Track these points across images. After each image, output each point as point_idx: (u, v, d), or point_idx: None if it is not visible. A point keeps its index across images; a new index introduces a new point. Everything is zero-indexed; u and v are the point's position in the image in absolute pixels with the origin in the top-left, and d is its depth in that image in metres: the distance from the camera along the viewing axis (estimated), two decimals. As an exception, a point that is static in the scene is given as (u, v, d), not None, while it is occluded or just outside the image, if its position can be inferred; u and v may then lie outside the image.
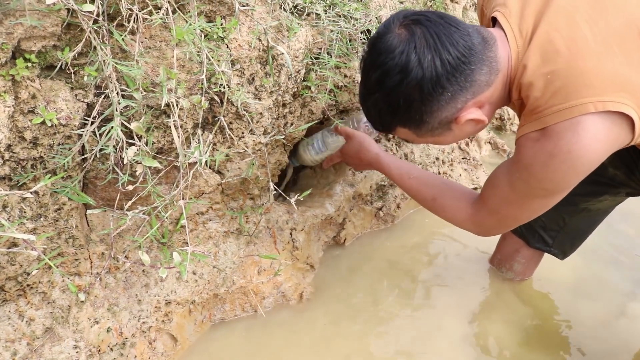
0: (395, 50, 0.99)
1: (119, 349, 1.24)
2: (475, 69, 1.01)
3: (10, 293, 1.08)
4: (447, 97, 1.02)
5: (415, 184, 1.38)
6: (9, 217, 1.00)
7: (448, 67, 0.98)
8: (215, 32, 1.19)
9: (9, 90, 0.96)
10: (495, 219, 1.20)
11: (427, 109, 1.04)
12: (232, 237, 1.44)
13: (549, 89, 0.98)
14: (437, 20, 1.00)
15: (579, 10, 1.01)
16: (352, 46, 1.59)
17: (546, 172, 1.01)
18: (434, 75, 0.98)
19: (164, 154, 1.20)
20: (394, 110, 1.06)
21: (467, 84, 1.01)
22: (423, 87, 1.00)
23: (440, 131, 1.10)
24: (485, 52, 1.02)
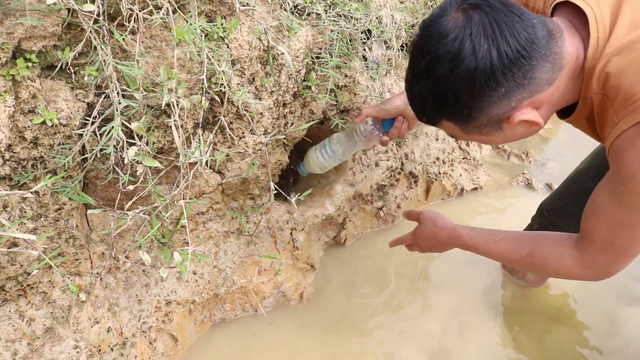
0: (448, 36, 0.88)
1: (119, 349, 1.24)
2: (535, 65, 0.89)
3: (11, 293, 1.08)
4: (501, 94, 0.90)
5: (504, 245, 1.22)
6: (10, 217, 1.00)
7: (505, 60, 0.87)
8: (215, 32, 1.19)
9: (10, 90, 0.96)
10: (609, 253, 1.02)
11: (477, 104, 0.92)
12: (232, 237, 1.44)
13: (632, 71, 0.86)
14: (498, 7, 0.89)
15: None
16: (353, 46, 1.59)
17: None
18: (488, 68, 0.87)
19: (164, 154, 1.20)
20: (441, 101, 0.94)
21: (525, 81, 0.90)
22: (475, 79, 0.88)
23: (489, 130, 0.99)
24: (550, 47, 0.90)
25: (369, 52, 1.70)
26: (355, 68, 1.59)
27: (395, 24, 1.79)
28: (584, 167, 1.51)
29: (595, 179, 1.14)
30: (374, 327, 1.52)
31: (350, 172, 1.79)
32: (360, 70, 1.62)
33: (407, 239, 1.44)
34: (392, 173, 1.87)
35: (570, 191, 1.52)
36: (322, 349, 1.45)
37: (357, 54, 1.63)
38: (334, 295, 1.61)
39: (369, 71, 1.69)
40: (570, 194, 1.51)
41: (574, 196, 1.48)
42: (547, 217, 1.56)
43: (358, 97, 1.62)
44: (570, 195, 1.51)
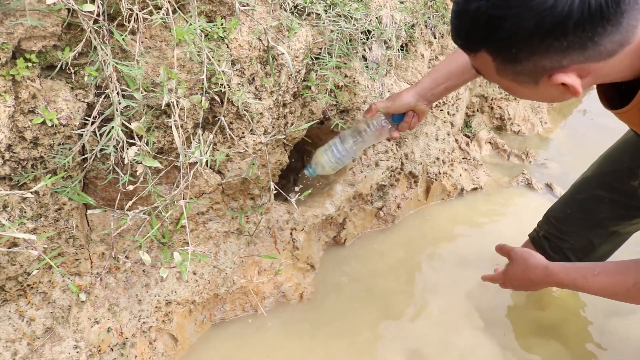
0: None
1: (119, 349, 1.24)
2: (609, 30, 0.80)
3: (11, 293, 1.08)
4: (561, 47, 0.81)
5: (605, 278, 1.16)
6: (10, 217, 1.00)
7: (585, 13, 0.77)
8: (215, 32, 1.19)
9: (10, 90, 0.96)
10: None
11: (530, 47, 0.82)
12: (232, 237, 1.44)
13: None
14: None
15: None
16: (353, 46, 1.59)
17: None
18: (564, 12, 0.77)
19: (164, 154, 1.20)
20: (494, 29, 0.82)
21: (590, 43, 0.80)
22: (545, 19, 0.78)
23: (525, 79, 0.89)
24: (629, 17, 0.80)
25: (368, 52, 1.70)
26: (355, 68, 1.59)
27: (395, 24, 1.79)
28: (591, 174, 1.50)
29: (602, 186, 1.11)
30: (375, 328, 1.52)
31: (350, 172, 1.79)
32: (360, 71, 1.62)
33: (498, 278, 1.41)
34: (392, 173, 1.87)
35: (577, 198, 1.50)
36: (322, 349, 1.45)
37: (357, 54, 1.63)
38: (334, 295, 1.61)
39: (368, 71, 1.69)
40: (577, 201, 1.50)
41: (581, 203, 1.48)
42: (554, 225, 1.55)
43: (358, 97, 1.62)
44: (577, 203, 1.50)
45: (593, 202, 1.00)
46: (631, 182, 1.33)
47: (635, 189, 1.19)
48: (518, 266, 1.34)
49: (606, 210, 0.95)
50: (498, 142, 2.53)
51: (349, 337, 1.49)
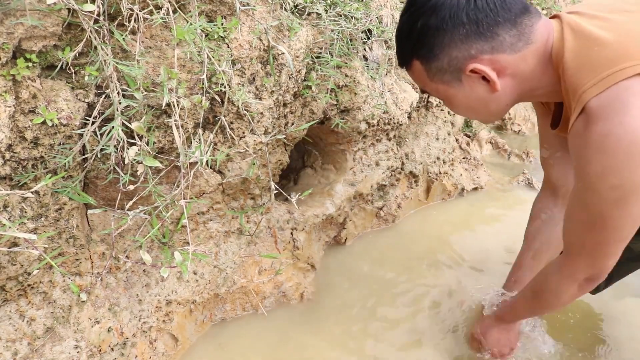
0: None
1: (119, 349, 1.24)
2: (501, 22, 0.92)
3: (11, 293, 1.08)
4: (462, 34, 0.93)
5: (521, 300, 1.26)
6: (10, 216, 1.00)
7: (472, 4, 0.92)
8: (216, 32, 1.19)
9: (10, 90, 0.96)
10: (584, 256, 1.00)
11: (439, 40, 0.95)
12: (232, 236, 1.44)
13: (592, 63, 0.87)
14: None
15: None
16: (353, 46, 1.59)
17: (604, 161, 0.83)
18: (454, 4, 0.92)
19: (164, 154, 1.20)
20: (410, 35, 0.98)
21: (488, 33, 0.93)
22: (440, 11, 0.93)
23: (450, 79, 0.99)
24: (521, 18, 0.94)
25: (369, 52, 1.70)
26: (355, 68, 1.59)
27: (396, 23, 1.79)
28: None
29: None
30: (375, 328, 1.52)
31: (350, 171, 1.79)
32: (360, 70, 1.62)
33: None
34: (393, 173, 1.87)
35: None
36: (322, 349, 1.45)
37: (358, 53, 1.63)
38: (334, 295, 1.61)
39: (369, 71, 1.68)
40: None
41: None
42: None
43: (358, 96, 1.62)
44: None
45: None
46: None
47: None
48: (489, 340, 1.40)
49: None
50: (498, 142, 2.53)
51: (349, 337, 1.49)
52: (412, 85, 2.04)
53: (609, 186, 0.85)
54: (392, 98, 1.78)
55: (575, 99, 0.89)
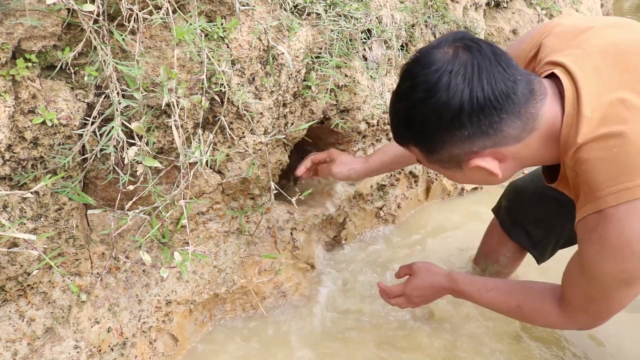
0: (432, 67, 0.91)
1: (119, 349, 1.24)
2: (505, 118, 0.91)
3: (11, 293, 1.08)
4: (464, 136, 0.93)
5: (495, 295, 1.25)
6: (10, 217, 1.00)
7: (474, 105, 0.89)
8: (215, 32, 1.19)
9: (10, 90, 0.96)
10: (587, 315, 1.08)
11: (439, 138, 0.95)
12: (232, 236, 1.44)
13: (608, 167, 0.89)
14: (487, 54, 0.91)
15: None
16: (353, 46, 1.59)
17: (615, 262, 0.93)
18: (456, 107, 0.90)
19: (164, 154, 1.20)
20: (410, 126, 0.98)
21: (491, 130, 0.92)
22: (442, 114, 0.91)
23: (450, 166, 1.01)
24: (526, 106, 0.92)
25: (369, 52, 1.70)
26: (355, 68, 1.59)
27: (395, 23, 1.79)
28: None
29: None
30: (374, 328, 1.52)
31: (350, 172, 1.78)
32: (360, 70, 1.62)
33: (397, 290, 1.38)
34: (392, 173, 1.87)
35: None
36: (322, 349, 1.45)
37: (357, 53, 1.63)
38: (334, 295, 1.61)
39: (369, 71, 1.68)
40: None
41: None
42: (518, 195, 1.56)
43: (358, 96, 1.62)
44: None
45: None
46: None
47: None
48: (421, 275, 1.35)
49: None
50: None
51: (349, 338, 1.49)
52: (412, 85, 2.03)
53: (618, 279, 0.94)
54: (392, 98, 1.78)
55: (590, 196, 0.92)
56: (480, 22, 2.48)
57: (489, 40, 0.93)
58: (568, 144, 0.94)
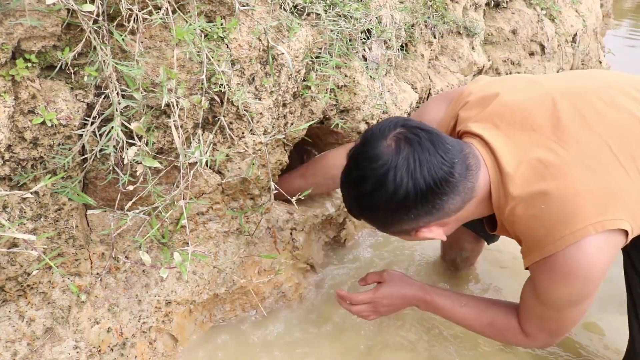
0: (379, 161, 1.03)
1: (119, 349, 1.24)
2: (446, 199, 1.04)
3: (11, 293, 1.08)
4: (410, 218, 1.06)
5: (468, 311, 1.30)
6: (9, 217, 1.00)
7: (419, 194, 1.01)
8: (215, 32, 1.19)
9: (9, 90, 0.96)
10: (545, 334, 1.21)
11: (388, 221, 1.10)
12: (232, 237, 1.44)
13: (542, 223, 1.03)
14: (426, 145, 1.02)
15: (549, 133, 1.08)
16: (353, 46, 1.59)
17: (565, 289, 1.06)
18: (402, 197, 1.02)
19: (164, 154, 1.20)
20: (361, 209, 1.12)
21: (434, 210, 1.05)
22: (390, 203, 1.03)
23: (400, 234, 1.16)
24: (464, 183, 1.05)
25: (368, 52, 1.70)
26: (355, 68, 1.59)
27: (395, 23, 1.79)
28: None
29: None
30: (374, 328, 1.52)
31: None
32: (360, 70, 1.62)
33: (363, 298, 1.36)
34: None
35: None
36: (322, 349, 1.45)
37: (357, 53, 1.63)
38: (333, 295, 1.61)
39: (368, 71, 1.68)
40: None
41: None
42: None
43: (358, 97, 1.62)
44: None
45: None
46: None
47: None
48: (394, 284, 1.36)
49: None
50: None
51: (349, 338, 1.49)
52: (412, 85, 2.04)
53: (568, 301, 1.09)
54: (392, 98, 1.78)
55: (533, 247, 1.07)
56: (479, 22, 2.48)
57: (426, 126, 1.06)
58: (500, 206, 1.09)
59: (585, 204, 1.01)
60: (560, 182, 1.02)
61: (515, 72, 2.77)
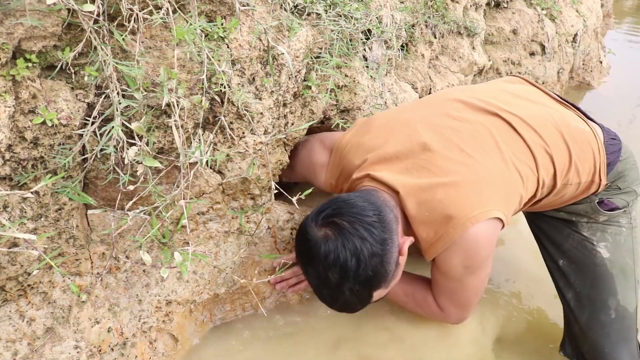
0: (329, 259, 1.17)
1: (119, 349, 1.24)
2: (391, 246, 1.22)
3: (11, 293, 1.08)
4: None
5: (409, 301, 1.47)
6: (10, 217, 1.00)
7: (369, 273, 1.18)
8: (215, 32, 1.19)
9: (10, 90, 0.96)
10: (454, 307, 1.38)
11: (385, 260, 1.21)
12: (232, 237, 1.44)
13: (432, 227, 1.24)
14: (357, 230, 1.18)
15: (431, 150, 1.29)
16: (353, 46, 1.59)
17: (459, 258, 1.25)
18: (366, 278, 1.19)
19: (164, 154, 1.20)
20: (336, 298, 1.25)
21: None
22: (375, 255, 1.19)
23: (395, 270, 1.26)
24: (396, 234, 1.25)
25: (369, 52, 1.70)
26: (355, 68, 1.59)
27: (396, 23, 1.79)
28: None
29: None
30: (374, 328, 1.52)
31: (350, 172, 1.78)
32: (360, 70, 1.62)
33: (287, 273, 1.50)
34: (393, 173, 1.87)
35: None
36: (322, 349, 1.45)
37: (357, 53, 1.63)
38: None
39: (369, 71, 1.69)
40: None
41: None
42: None
43: (358, 96, 1.62)
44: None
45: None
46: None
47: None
48: None
49: None
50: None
51: (349, 338, 1.49)
52: (412, 85, 2.04)
53: (465, 267, 1.26)
54: (392, 98, 1.78)
55: (434, 245, 1.26)
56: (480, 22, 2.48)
57: (349, 207, 1.22)
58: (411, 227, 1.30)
59: (464, 202, 1.22)
60: (439, 190, 1.24)
61: (515, 72, 2.77)
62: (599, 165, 1.37)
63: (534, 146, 1.30)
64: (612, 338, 1.41)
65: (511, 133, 1.31)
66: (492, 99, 1.38)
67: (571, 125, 1.37)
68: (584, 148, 1.36)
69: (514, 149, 1.30)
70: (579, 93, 3.48)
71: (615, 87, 3.62)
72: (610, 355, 1.40)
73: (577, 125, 1.39)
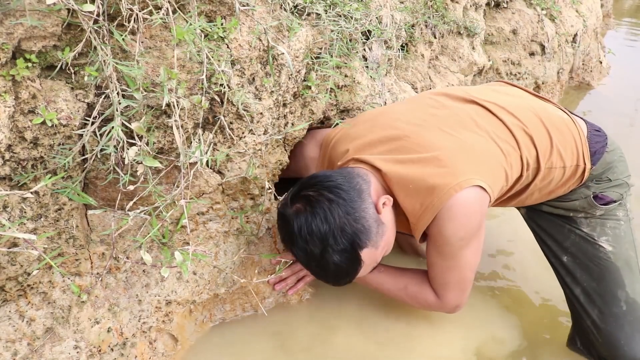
0: (314, 236, 1.20)
1: (119, 349, 1.24)
2: (349, 179, 1.25)
3: (11, 293, 1.08)
4: (358, 201, 1.23)
5: (385, 276, 1.47)
6: (10, 217, 1.00)
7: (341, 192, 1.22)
8: (215, 32, 1.19)
9: (10, 90, 0.96)
10: (450, 290, 1.37)
11: (359, 215, 1.22)
12: (232, 237, 1.44)
13: (418, 200, 1.25)
14: (336, 201, 1.21)
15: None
16: (353, 46, 1.59)
17: (452, 227, 1.24)
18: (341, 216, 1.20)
19: (164, 154, 1.20)
20: (325, 270, 1.25)
21: (356, 189, 1.24)
22: (348, 214, 1.20)
23: (378, 227, 1.25)
24: (352, 176, 1.28)
25: (369, 52, 1.70)
26: (355, 68, 1.59)
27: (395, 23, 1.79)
28: None
29: None
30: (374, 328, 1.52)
31: (350, 172, 1.78)
32: (360, 70, 1.62)
33: (287, 272, 1.53)
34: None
35: None
36: (322, 350, 1.45)
37: (357, 54, 1.63)
38: (333, 295, 1.61)
39: (369, 71, 1.69)
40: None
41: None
42: None
43: (358, 97, 1.62)
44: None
45: None
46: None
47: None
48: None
49: None
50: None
51: (349, 338, 1.49)
52: (412, 85, 2.04)
53: (459, 238, 1.26)
54: (392, 98, 1.78)
55: (421, 218, 1.27)
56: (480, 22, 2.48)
57: (314, 179, 1.27)
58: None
59: (446, 172, 1.24)
60: (420, 164, 1.27)
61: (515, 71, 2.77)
62: (582, 149, 1.40)
63: (513, 127, 1.34)
64: (627, 330, 1.41)
65: (490, 116, 1.37)
66: (473, 91, 1.45)
67: (550, 113, 1.43)
68: (564, 132, 1.40)
69: (494, 127, 1.34)
70: (578, 93, 3.48)
71: (615, 87, 3.62)
72: (628, 346, 1.41)
73: (555, 113, 1.44)
